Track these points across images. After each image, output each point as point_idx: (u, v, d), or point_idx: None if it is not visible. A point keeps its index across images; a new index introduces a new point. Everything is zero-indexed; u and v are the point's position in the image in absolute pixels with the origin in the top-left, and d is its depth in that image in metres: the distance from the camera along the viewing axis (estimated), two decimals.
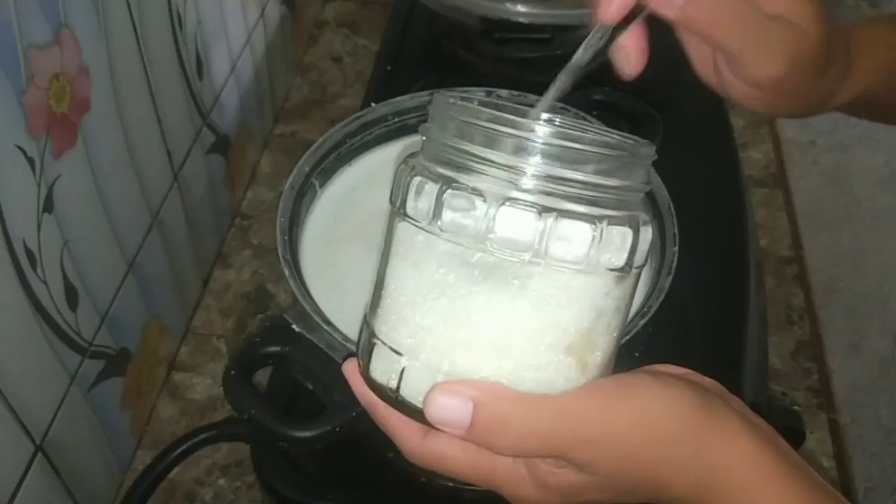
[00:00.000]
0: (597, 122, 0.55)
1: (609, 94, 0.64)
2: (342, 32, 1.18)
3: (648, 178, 0.35)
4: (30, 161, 0.53)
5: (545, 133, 0.32)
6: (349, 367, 0.38)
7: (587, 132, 0.36)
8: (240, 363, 0.50)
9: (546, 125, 0.33)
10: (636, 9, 0.37)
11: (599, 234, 0.32)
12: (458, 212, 0.32)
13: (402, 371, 0.34)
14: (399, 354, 0.34)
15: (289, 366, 0.50)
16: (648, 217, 0.34)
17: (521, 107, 0.38)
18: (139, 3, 0.65)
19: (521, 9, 0.80)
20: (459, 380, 0.33)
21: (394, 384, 0.35)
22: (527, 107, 0.37)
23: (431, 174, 0.33)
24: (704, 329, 0.66)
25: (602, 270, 0.33)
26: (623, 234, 0.33)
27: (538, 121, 0.33)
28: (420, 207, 0.33)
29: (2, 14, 0.49)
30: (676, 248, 0.52)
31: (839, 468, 0.82)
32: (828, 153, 1.01)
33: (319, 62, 1.14)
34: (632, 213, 0.33)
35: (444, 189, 0.32)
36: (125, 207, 0.68)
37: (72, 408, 0.62)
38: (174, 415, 0.79)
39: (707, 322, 0.66)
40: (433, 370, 0.34)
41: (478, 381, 0.33)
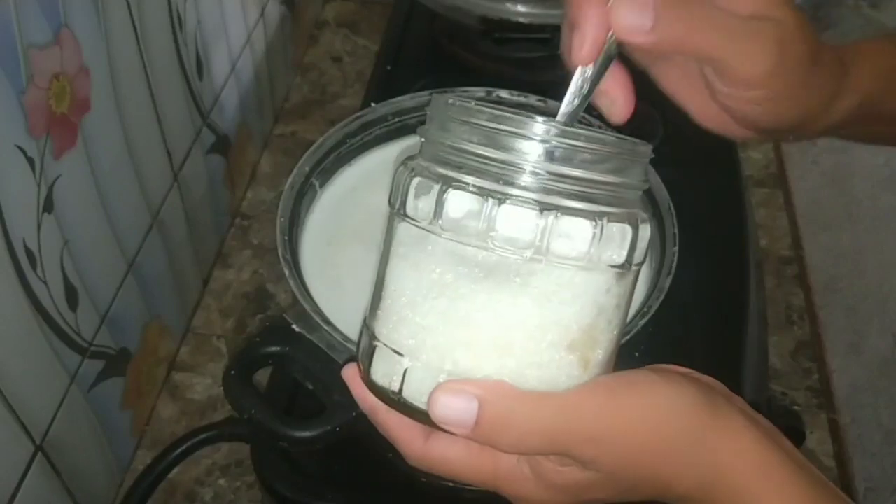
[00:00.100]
0: (596, 122, 0.55)
1: None
2: (342, 32, 1.18)
3: (646, 177, 0.35)
4: (30, 161, 0.53)
5: (544, 131, 0.32)
6: (349, 372, 0.38)
7: (584, 131, 0.36)
8: (240, 363, 0.50)
9: (545, 123, 0.33)
10: (609, 51, 0.37)
11: (600, 231, 0.32)
12: (460, 210, 0.32)
13: (405, 372, 0.34)
14: (400, 355, 0.34)
15: (289, 366, 0.50)
16: (647, 215, 0.34)
17: (520, 107, 0.38)
18: (139, 3, 0.65)
19: (521, 9, 0.80)
20: (462, 379, 0.33)
21: (396, 386, 0.34)
22: (527, 107, 0.38)
23: (432, 174, 0.33)
24: (704, 329, 0.66)
25: (603, 267, 0.33)
26: (623, 231, 0.33)
27: (537, 119, 0.33)
28: (421, 207, 0.33)
29: (2, 14, 0.49)
30: (676, 248, 0.52)
31: (839, 468, 0.82)
32: (828, 153, 1.01)
33: (319, 62, 1.14)
34: (631, 211, 0.33)
35: (445, 188, 0.32)
36: (125, 207, 0.68)
37: (72, 408, 0.62)
38: (174, 415, 0.79)
39: (707, 322, 0.66)
40: (435, 370, 0.33)
41: (481, 380, 0.33)
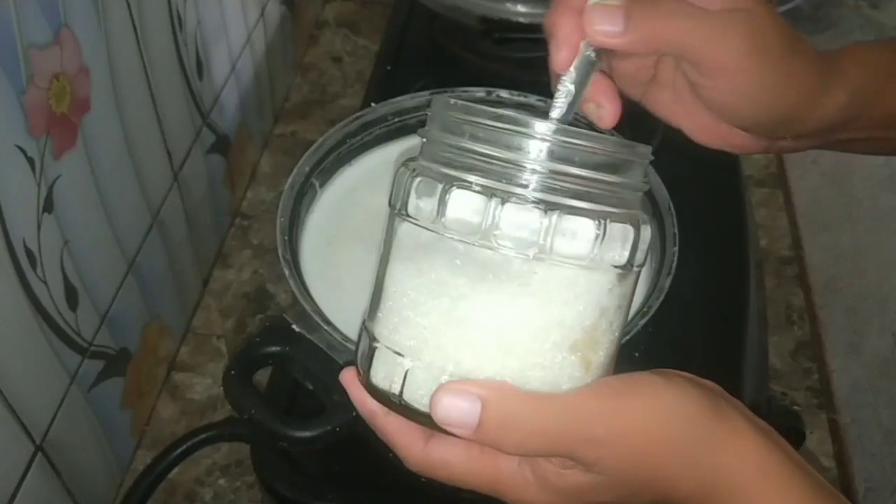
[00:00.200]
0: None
1: None
2: (342, 32, 1.18)
3: (647, 178, 0.35)
4: (30, 161, 0.53)
5: (546, 130, 0.32)
6: (347, 376, 0.37)
7: (586, 131, 0.36)
8: (240, 363, 0.50)
9: (547, 123, 0.33)
10: (589, 58, 0.37)
11: (603, 231, 0.32)
12: (463, 209, 0.32)
13: (406, 374, 0.34)
14: (402, 357, 0.34)
15: (289, 366, 0.50)
16: (647, 217, 0.34)
17: (521, 107, 0.38)
18: (139, 3, 0.65)
19: (521, 9, 0.80)
20: (464, 380, 0.33)
21: (397, 388, 0.34)
22: (527, 107, 0.38)
23: (434, 174, 0.33)
24: (704, 329, 0.66)
25: (606, 267, 0.33)
26: (625, 231, 0.33)
27: (539, 119, 0.33)
28: (423, 207, 0.33)
29: (2, 14, 0.49)
30: (676, 248, 0.52)
31: (839, 468, 0.82)
32: (828, 153, 1.00)
33: (319, 62, 1.14)
34: (632, 212, 0.33)
35: (449, 187, 0.32)
36: (125, 207, 0.68)
37: (72, 408, 0.62)
38: (174, 415, 0.79)
39: (707, 322, 0.66)
40: (437, 371, 0.33)
41: (484, 381, 0.33)
